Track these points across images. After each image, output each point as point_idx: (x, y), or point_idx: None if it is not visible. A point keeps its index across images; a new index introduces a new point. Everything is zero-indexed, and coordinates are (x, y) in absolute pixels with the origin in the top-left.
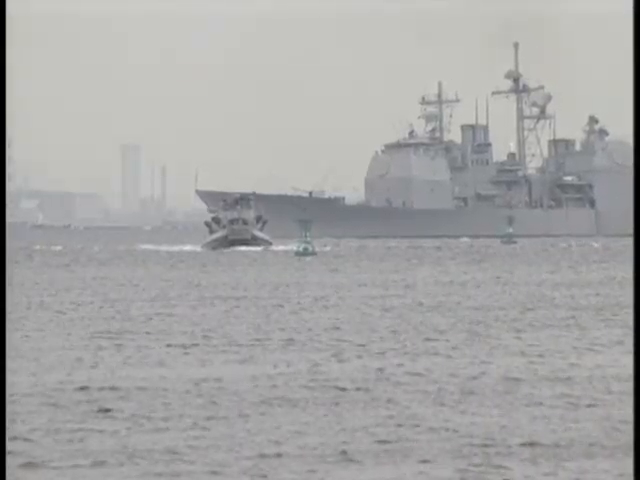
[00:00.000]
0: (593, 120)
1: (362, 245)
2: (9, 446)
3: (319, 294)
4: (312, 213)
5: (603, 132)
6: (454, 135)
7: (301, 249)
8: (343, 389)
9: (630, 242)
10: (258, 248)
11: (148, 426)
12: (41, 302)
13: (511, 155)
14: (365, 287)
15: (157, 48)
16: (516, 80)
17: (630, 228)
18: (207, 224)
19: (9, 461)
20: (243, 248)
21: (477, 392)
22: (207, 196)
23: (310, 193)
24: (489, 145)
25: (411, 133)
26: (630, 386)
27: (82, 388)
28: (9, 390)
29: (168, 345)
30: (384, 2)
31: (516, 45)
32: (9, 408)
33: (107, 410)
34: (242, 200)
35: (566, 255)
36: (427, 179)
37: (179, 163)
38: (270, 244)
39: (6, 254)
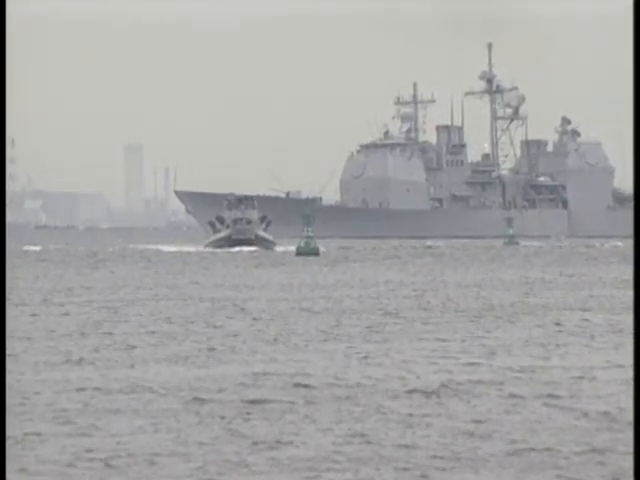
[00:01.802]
0: (566, 121)
1: (350, 246)
2: None
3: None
4: (288, 213)
5: (575, 133)
6: (429, 136)
7: (302, 244)
8: None
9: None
10: (262, 248)
11: None
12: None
13: (485, 156)
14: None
15: (159, 48)
16: (489, 81)
17: (601, 229)
18: (211, 224)
19: None
20: (246, 248)
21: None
22: (185, 196)
23: (287, 193)
24: (464, 146)
25: (386, 133)
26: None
27: None
28: None
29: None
30: (359, 3)
31: (490, 46)
32: None
33: None
34: (246, 200)
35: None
36: (403, 180)
37: (182, 163)
38: (274, 244)
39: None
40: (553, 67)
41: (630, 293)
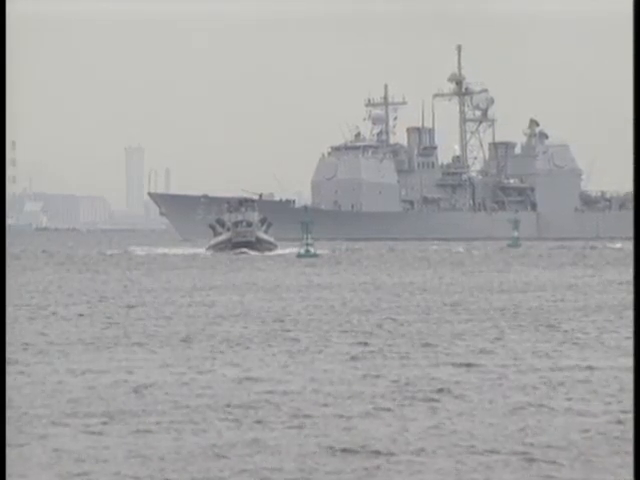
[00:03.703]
0: (534, 123)
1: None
2: None
3: None
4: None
5: (543, 135)
6: (399, 138)
7: (303, 252)
8: None
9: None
10: (263, 251)
11: None
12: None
13: (456, 158)
14: None
15: (161, 49)
16: (459, 83)
17: (570, 231)
18: (211, 226)
19: None
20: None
21: None
22: (159, 198)
23: (260, 195)
24: (435, 148)
25: (357, 135)
26: None
27: None
28: None
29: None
30: (329, 4)
31: (459, 48)
32: None
33: None
34: (246, 202)
35: None
36: (375, 182)
37: (183, 165)
38: (275, 247)
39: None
40: (522, 69)
41: None
